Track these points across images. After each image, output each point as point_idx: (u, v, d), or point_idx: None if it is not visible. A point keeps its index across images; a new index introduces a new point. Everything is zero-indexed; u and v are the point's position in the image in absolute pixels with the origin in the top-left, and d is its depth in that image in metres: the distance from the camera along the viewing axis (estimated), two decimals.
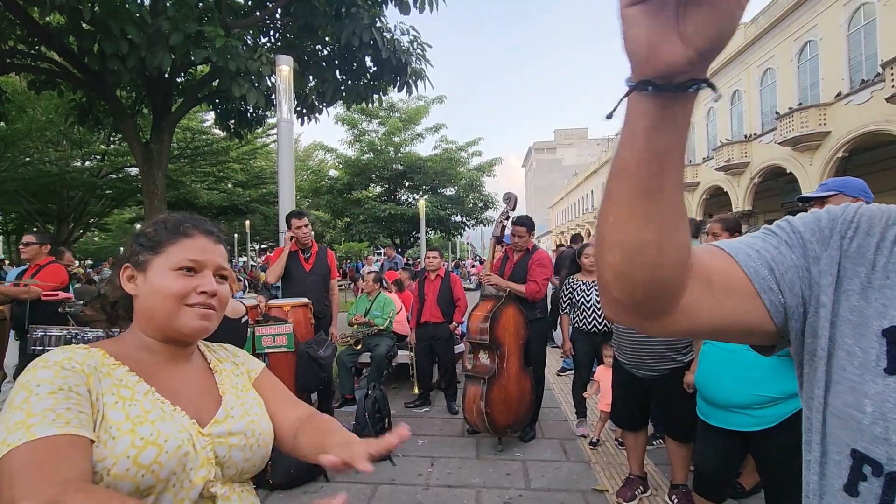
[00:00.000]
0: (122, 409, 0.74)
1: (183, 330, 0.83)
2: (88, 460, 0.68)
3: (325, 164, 22.01)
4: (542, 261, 3.89)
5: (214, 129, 13.52)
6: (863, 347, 0.47)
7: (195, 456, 0.77)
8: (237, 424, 0.85)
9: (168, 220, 0.89)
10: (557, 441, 3.88)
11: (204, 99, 7.42)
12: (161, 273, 0.83)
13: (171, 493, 0.74)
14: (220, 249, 0.91)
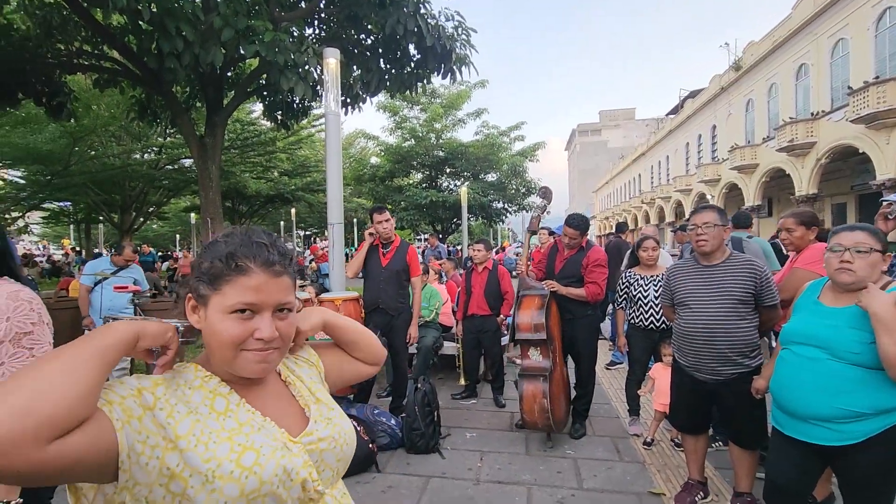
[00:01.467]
0: (216, 420, 0.76)
1: (241, 374, 0.81)
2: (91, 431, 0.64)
3: (366, 151, 22.23)
4: (600, 260, 3.74)
5: (262, 121, 13.88)
6: None
7: (293, 457, 0.79)
8: (324, 430, 0.87)
9: (223, 251, 0.81)
10: (609, 439, 3.78)
11: (254, 92, 7.59)
12: (217, 315, 0.79)
13: (278, 492, 0.75)
14: (283, 282, 0.82)
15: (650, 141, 41.14)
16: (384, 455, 3.45)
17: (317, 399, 0.93)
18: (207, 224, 6.73)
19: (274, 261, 0.81)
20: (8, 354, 1.22)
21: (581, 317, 3.81)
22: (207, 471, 0.70)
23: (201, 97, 7.30)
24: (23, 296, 1.28)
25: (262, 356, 0.80)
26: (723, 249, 2.60)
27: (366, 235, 4.09)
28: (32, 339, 1.26)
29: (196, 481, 0.69)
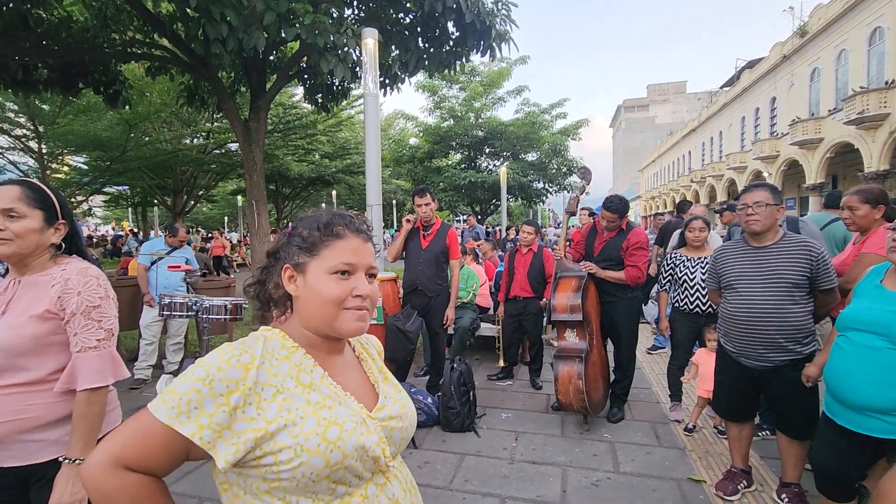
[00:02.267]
0: (302, 394, 0.82)
1: (342, 333, 0.88)
2: (172, 450, 0.78)
3: (405, 132, 22.22)
4: (640, 243, 3.63)
5: (303, 104, 14.12)
6: None
7: (370, 435, 0.85)
8: (394, 409, 0.94)
9: (320, 220, 0.91)
10: (648, 424, 3.71)
11: (295, 76, 7.71)
12: (318, 276, 0.87)
13: (355, 466, 0.82)
14: (370, 248, 0.93)
15: (702, 116, 39.01)
16: (420, 432, 3.53)
17: (385, 377, 1.00)
18: (252, 206, 6.96)
19: (363, 229, 0.93)
20: (80, 325, 1.33)
21: (621, 299, 3.72)
22: (296, 445, 0.76)
23: (245, 82, 7.49)
24: (91, 272, 1.38)
25: (360, 314, 0.88)
26: (775, 230, 2.46)
27: (403, 222, 4.10)
28: (101, 313, 1.36)
29: (286, 455, 0.76)
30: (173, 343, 4.81)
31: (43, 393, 1.29)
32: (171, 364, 4.76)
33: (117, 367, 1.38)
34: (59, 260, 1.40)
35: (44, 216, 1.35)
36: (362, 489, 0.84)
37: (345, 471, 0.80)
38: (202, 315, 3.84)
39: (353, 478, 0.82)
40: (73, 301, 1.31)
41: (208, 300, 3.79)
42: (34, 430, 1.28)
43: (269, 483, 0.78)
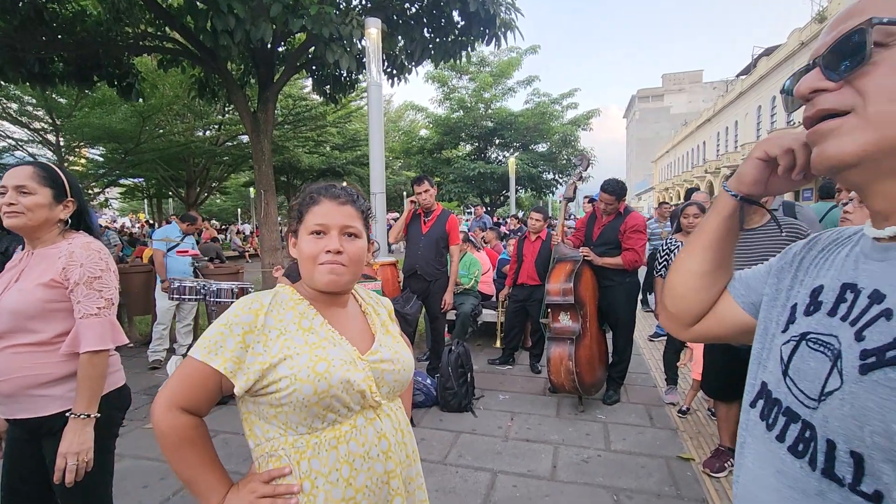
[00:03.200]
0: (302, 336, 0.99)
1: (318, 285, 1.03)
2: (207, 383, 0.96)
3: (416, 124, 22.26)
4: (637, 226, 3.68)
5: (313, 95, 14.24)
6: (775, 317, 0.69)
7: (356, 372, 0.99)
8: (386, 353, 1.07)
9: (306, 191, 1.08)
10: (643, 406, 3.78)
11: (302, 67, 7.81)
12: (303, 238, 1.04)
13: (342, 396, 0.96)
14: (347, 210, 1.05)
15: (717, 105, 38.39)
16: (419, 412, 3.64)
17: (387, 331, 1.15)
18: (261, 196, 7.11)
19: (338, 194, 1.07)
20: (83, 294, 1.47)
21: (619, 284, 3.78)
22: (291, 375, 0.93)
23: (254, 73, 7.61)
24: (94, 246, 1.52)
25: (332, 267, 1.01)
26: (761, 213, 2.50)
27: (408, 203, 4.20)
28: (102, 283, 1.49)
29: (283, 384, 0.93)
30: (183, 326, 4.98)
31: (49, 353, 1.43)
32: (182, 347, 4.94)
33: (117, 333, 1.51)
34: (68, 235, 1.54)
35: (52, 193, 1.48)
36: (351, 420, 0.99)
37: (332, 399, 0.95)
38: (210, 298, 3.99)
39: (341, 407, 0.97)
40: (76, 272, 1.45)
41: (216, 284, 3.93)
42: (42, 385, 1.42)
43: (275, 409, 0.95)
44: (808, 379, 0.57)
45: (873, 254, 0.57)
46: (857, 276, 0.57)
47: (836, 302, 0.58)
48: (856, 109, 0.53)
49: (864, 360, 0.50)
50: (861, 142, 0.52)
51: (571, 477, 2.78)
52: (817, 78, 0.57)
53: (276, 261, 7.10)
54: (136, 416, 3.60)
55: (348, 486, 0.96)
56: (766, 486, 0.60)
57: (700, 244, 0.81)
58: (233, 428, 3.40)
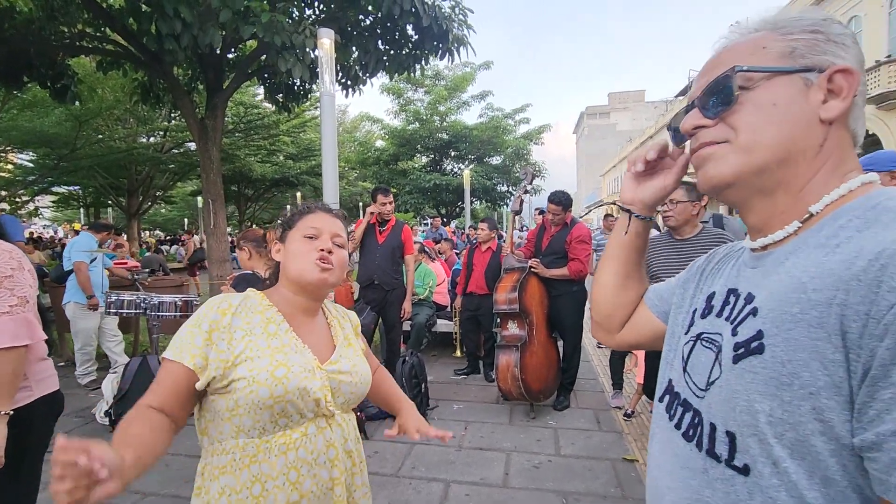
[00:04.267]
0: (266, 339, 1.04)
1: (304, 279, 1.10)
2: (177, 381, 0.98)
3: (371, 135, 22.18)
4: (582, 237, 3.84)
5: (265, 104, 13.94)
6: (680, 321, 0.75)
7: (314, 380, 1.03)
8: (345, 365, 1.13)
9: (300, 205, 1.23)
10: (591, 411, 3.91)
11: (253, 74, 7.64)
12: (293, 240, 1.13)
13: (297, 402, 1.01)
14: (337, 222, 1.17)
15: (658, 123, 40.58)
16: (373, 424, 3.60)
17: (349, 343, 1.21)
18: (209, 205, 6.87)
19: (330, 208, 1.20)
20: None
21: (565, 293, 3.91)
22: (250, 376, 0.97)
23: (202, 79, 7.38)
24: (3, 247, 1.51)
25: (323, 265, 1.09)
26: (693, 224, 2.68)
27: (368, 213, 4.19)
28: (13, 282, 1.47)
29: (241, 384, 0.97)
30: (110, 340, 4.65)
31: None
32: (116, 362, 4.58)
33: (33, 330, 1.50)
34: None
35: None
36: (303, 427, 1.03)
37: (287, 404, 0.99)
38: (152, 312, 3.80)
39: (295, 413, 1.01)
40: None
41: (157, 297, 3.76)
42: None
43: (230, 410, 0.98)
44: (698, 372, 0.64)
45: (750, 262, 0.66)
46: (738, 282, 0.65)
47: (723, 305, 0.65)
48: (729, 140, 0.62)
49: (736, 352, 0.57)
50: (735, 164, 0.62)
51: (523, 483, 2.83)
52: (697, 117, 0.66)
53: (224, 273, 6.85)
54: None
55: (294, 489, 1.00)
56: (665, 468, 0.67)
57: (608, 258, 0.91)
58: (174, 449, 3.23)
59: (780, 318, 0.53)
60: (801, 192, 0.60)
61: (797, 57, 0.59)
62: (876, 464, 0.45)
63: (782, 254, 0.59)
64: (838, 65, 0.58)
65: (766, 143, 0.59)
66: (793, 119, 0.59)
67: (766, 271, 0.60)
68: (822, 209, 0.58)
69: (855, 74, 0.57)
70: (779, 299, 0.54)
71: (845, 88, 0.57)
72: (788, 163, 0.59)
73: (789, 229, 0.60)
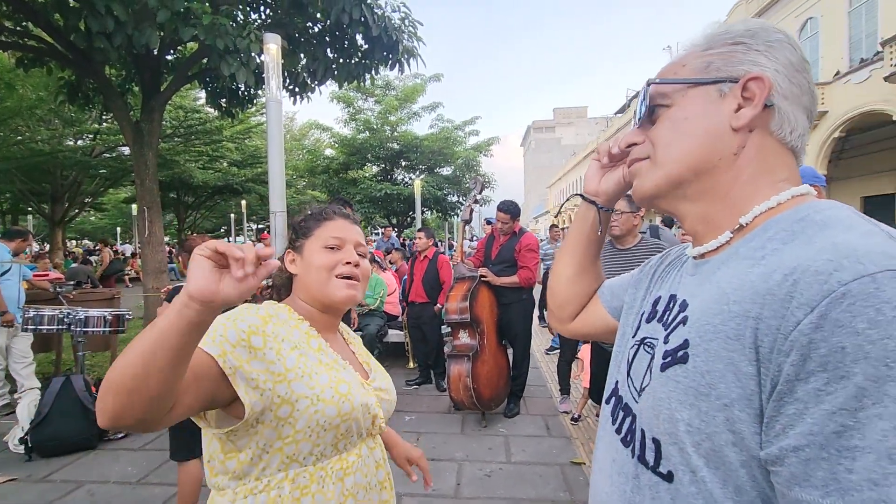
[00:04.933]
0: (315, 355, 0.93)
1: (334, 298, 0.99)
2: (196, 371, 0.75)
3: (320, 143, 21.79)
4: (531, 245, 3.94)
5: (207, 108, 13.38)
6: (630, 323, 0.76)
7: (368, 396, 0.97)
8: (382, 383, 1.08)
9: (313, 209, 1.09)
10: (541, 417, 3.99)
11: (194, 77, 7.33)
12: (313, 251, 1.01)
13: (360, 420, 0.93)
14: (357, 229, 1.08)
15: (600, 139, 42.54)
16: None
17: (369, 361, 1.14)
18: (144, 213, 6.47)
19: (349, 214, 1.10)
20: None
21: (515, 302, 3.99)
22: (313, 395, 0.86)
23: (137, 80, 6.98)
24: None
25: (350, 283, 1.00)
26: (634, 234, 2.82)
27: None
28: None
29: (303, 404, 0.84)
30: (17, 362, 4.12)
31: None
32: (23, 386, 4.05)
33: None
34: None
35: None
36: (357, 449, 0.95)
37: (352, 422, 0.91)
38: (77, 329, 3.52)
39: (355, 433, 0.93)
40: None
41: (83, 312, 3.48)
42: None
43: (285, 438, 0.84)
44: (638, 377, 0.64)
45: (691, 269, 0.66)
46: (678, 289, 0.65)
47: (664, 310, 0.65)
48: (650, 156, 0.65)
49: (664, 360, 0.57)
50: (654, 178, 0.64)
51: (475, 492, 2.83)
52: (632, 134, 0.70)
53: (160, 284, 6.46)
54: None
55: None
56: (605, 472, 0.68)
57: (567, 248, 0.92)
58: (100, 476, 3.00)
59: (704, 328, 0.53)
60: (726, 200, 0.60)
61: (712, 70, 0.60)
62: (779, 477, 0.45)
63: (716, 263, 0.59)
64: (751, 73, 0.58)
65: (675, 157, 0.61)
66: (703, 130, 0.60)
67: (701, 280, 0.61)
68: (751, 220, 0.58)
69: (764, 81, 0.57)
70: (705, 310, 0.54)
71: (756, 95, 0.57)
72: (704, 173, 0.60)
73: (721, 239, 0.60)
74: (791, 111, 0.59)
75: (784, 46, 0.59)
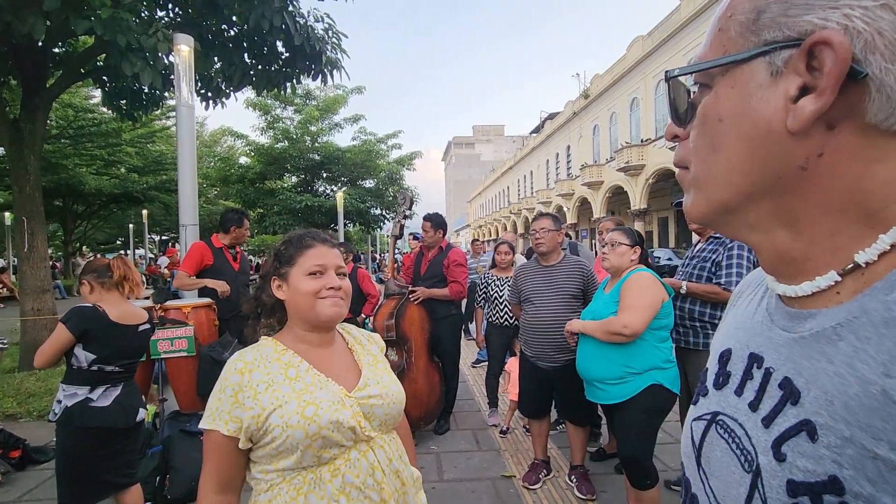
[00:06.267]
0: (288, 384, 1.06)
1: (322, 318, 1.13)
2: (223, 448, 1.03)
3: (234, 150, 20.59)
4: (458, 260, 3.98)
5: (103, 109, 12.12)
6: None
7: (344, 410, 1.06)
8: (374, 389, 1.14)
9: (293, 237, 1.20)
10: (471, 432, 4.01)
11: (88, 74, 6.61)
12: (298, 279, 1.14)
13: (333, 435, 1.03)
14: (336, 252, 1.20)
15: (516, 156, 44.56)
16: None
17: (374, 365, 1.22)
18: (23, 224, 5.67)
19: (327, 238, 1.22)
20: None
21: (444, 317, 4.00)
22: (282, 423, 1.00)
23: (16, 73, 6.15)
24: None
25: (335, 300, 1.13)
26: (558, 252, 2.96)
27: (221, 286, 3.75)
28: None
29: (277, 431, 1.00)
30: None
31: None
32: None
33: None
34: None
35: None
36: (346, 454, 1.05)
37: (323, 439, 1.02)
38: None
39: (334, 445, 1.03)
40: None
41: None
42: None
43: (272, 457, 1.03)
44: (723, 483, 0.43)
45: (781, 318, 0.44)
46: (763, 347, 0.44)
47: (743, 378, 0.44)
48: (688, 166, 0.45)
49: (795, 500, 0.35)
50: (696, 203, 0.45)
51: None
52: (671, 125, 0.48)
53: (42, 306, 5.68)
54: None
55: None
56: None
57: None
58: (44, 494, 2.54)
59: (869, 464, 0.31)
60: (814, 232, 0.39)
61: (761, 28, 0.37)
62: None
63: (831, 320, 0.38)
64: (819, 33, 0.34)
65: (714, 176, 0.42)
66: (745, 136, 0.39)
67: (807, 346, 0.39)
68: (875, 258, 0.36)
69: (834, 46, 0.33)
70: (852, 422, 0.33)
71: (825, 74, 0.34)
72: (763, 197, 0.40)
73: (821, 283, 0.39)
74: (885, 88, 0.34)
75: None
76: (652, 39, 21.10)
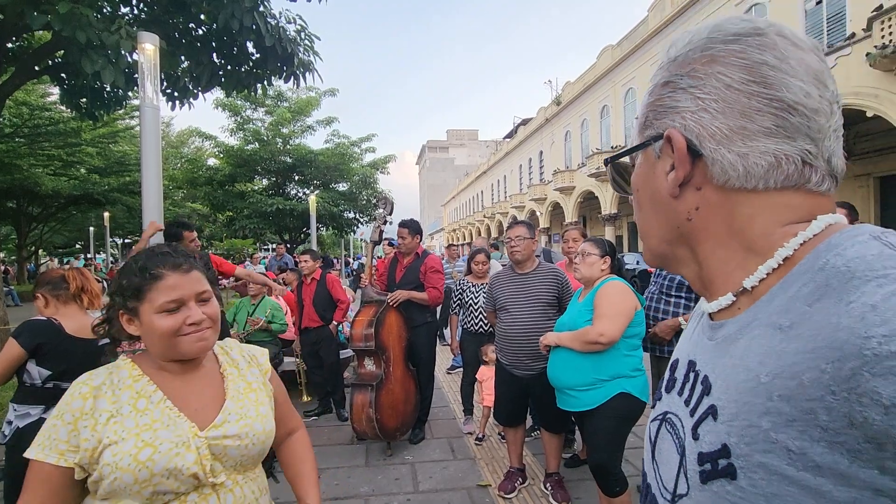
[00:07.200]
0: (133, 418, 0.94)
1: (186, 355, 1.00)
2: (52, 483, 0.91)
3: (202, 152, 20.04)
4: (435, 266, 3.96)
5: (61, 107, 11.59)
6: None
7: (187, 454, 0.94)
8: (232, 428, 1.01)
9: (135, 267, 1.00)
10: (446, 440, 3.98)
11: (45, 71, 6.31)
12: (150, 317, 0.97)
13: (167, 483, 0.92)
14: (194, 275, 1.02)
15: (490, 161, 44.88)
16: None
17: (243, 396, 1.07)
18: None
19: (180, 262, 1.01)
20: None
21: (420, 324, 3.96)
22: (113, 462, 0.89)
23: None
24: None
25: (198, 335, 0.99)
26: (532, 259, 2.97)
27: (151, 226, 3.61)
28: None
29: (106, 471, 0.89)
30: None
31: None
32: None
33: None
34: None
35: None
36: (181, 499, 0.95)
37: (154, 486, 0.91)
38: None
39: (169, 492, 0.93)
40: None
41: None
42: None
43: (105, 499, 0.93)
44: (666, 469, 0.52)
45: (708, 329, 0.53)
46: (696, 353, 0.53)
47: (683, 380, 0.53)
48: None
49: (702, 467, 0.45)
50: (645, 252, 0.59)
51: None
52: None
53: None
54: None
55: None
56: None
57: None
58: None
59: (746, 431, 0.40)
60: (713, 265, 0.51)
61: (646, 127, 0.53)
62: None
63: (734, 327, 0.47)
64: (668, 131, 0.49)
65: (645, 230, 0.56)
66: (649, 200, 0.54)
67: (719, 347, 0.49)
68: (757, 284, 0.46)
69: (672, 139, 0.48)
70: (738, 400, 0.42)
71: (675, 157, 0.49)
72: (676, 243, 0.53)
73: (723, 302, 0.49)
74: (732, 151, 0.46)
75: (726, 60, 0.46)
76: (621, 49, 21.62)
